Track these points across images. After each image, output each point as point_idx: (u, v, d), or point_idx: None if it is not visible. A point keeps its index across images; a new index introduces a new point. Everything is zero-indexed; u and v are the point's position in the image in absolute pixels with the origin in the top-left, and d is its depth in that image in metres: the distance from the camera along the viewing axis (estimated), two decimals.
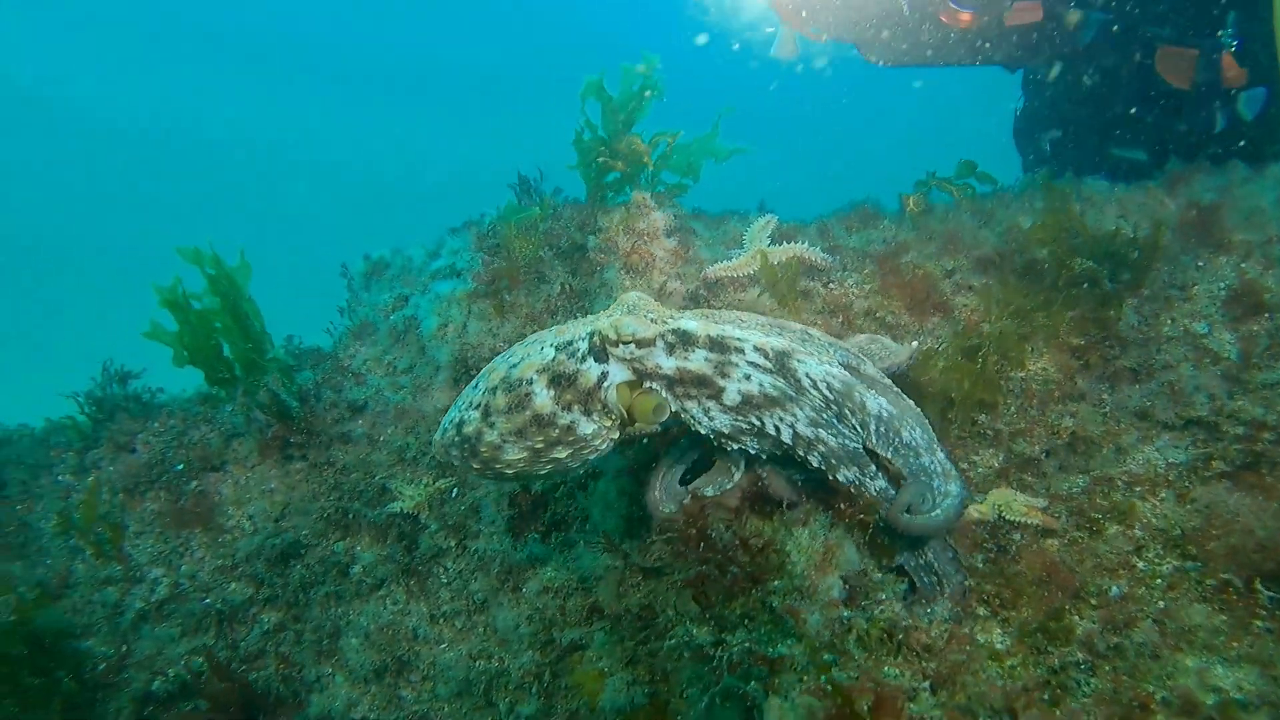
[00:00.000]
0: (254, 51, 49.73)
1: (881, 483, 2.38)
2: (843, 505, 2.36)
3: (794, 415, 2.35)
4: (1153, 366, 2.97)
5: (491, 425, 2.39)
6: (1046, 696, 2.22)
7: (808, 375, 2.33)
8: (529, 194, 3.56)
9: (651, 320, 2.37)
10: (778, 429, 2.37)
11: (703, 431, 2.44)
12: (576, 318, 2.57)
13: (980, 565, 2.70)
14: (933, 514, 2.23)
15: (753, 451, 2.51)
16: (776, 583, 2.29)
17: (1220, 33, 4.91)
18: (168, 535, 3.78)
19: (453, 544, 3.43)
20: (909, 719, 1.90)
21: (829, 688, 1.96)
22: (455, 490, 3.45)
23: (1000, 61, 5.75)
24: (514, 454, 2.42)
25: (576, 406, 2.38)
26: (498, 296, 3.50)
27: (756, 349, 2.34)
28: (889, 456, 2.36)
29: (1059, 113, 5.93)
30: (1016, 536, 2.78)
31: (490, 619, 3.34)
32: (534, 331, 3.49)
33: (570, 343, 2.41)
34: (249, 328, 3.44)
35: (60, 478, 3.96)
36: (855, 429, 2.35)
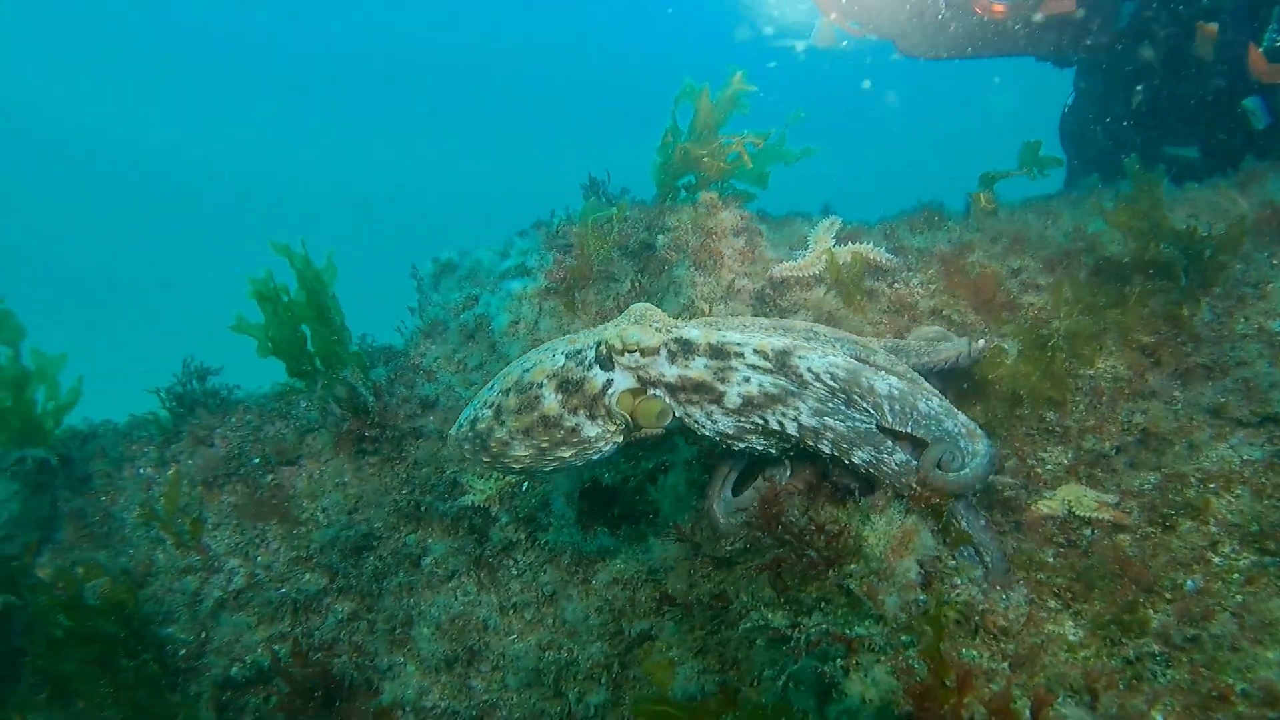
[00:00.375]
0: (295, 81, 51.15)
1: (901, 456, 2.45)
2: (918, 491, 2.41)
3: (796, 409, 2.44)
4: (1226, 364, 2.97)
5: (502, 423, 2.54)
6: (1123, 685, 2.23)
7: (809, 369, 2.42)
8: (598, 195, 3.65)
9: (656, 329, 2.48)
10: (781, 424, 2.46)
11: (708, 434, 2.54)
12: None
13: (1050, 559, 2.71)
14: (963, 472, 2.31)
15: (759, 449, 2.60)
16: (853, 566, 2.34)
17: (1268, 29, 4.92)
18: (244, 527, 3.90)
19: (523, 537, 3.51)
20: (989, 697, 1.93)
21: (913, 664, 1.99)
22: (526, 485, 3.53)
23: (1034, 52, 5.82)
24: (521, 450, 2.56)
25: (582, 410, 2.50)
26: (569, 294, 3.59)
27: (756, 351, 2.44)
28: (910, 430, 2.43)
29: (1110, 109, 5.89)
30: (1087, 532, 2.79)
31: (559, 610, 3.41)
32: None
33: (579, 351, 2.53)
34: (331, 322, 3.56)
35: (142, 470, 4.11)
36: (868, 411, 2.43)
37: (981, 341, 2.97)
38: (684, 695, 2.98)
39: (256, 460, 3.94)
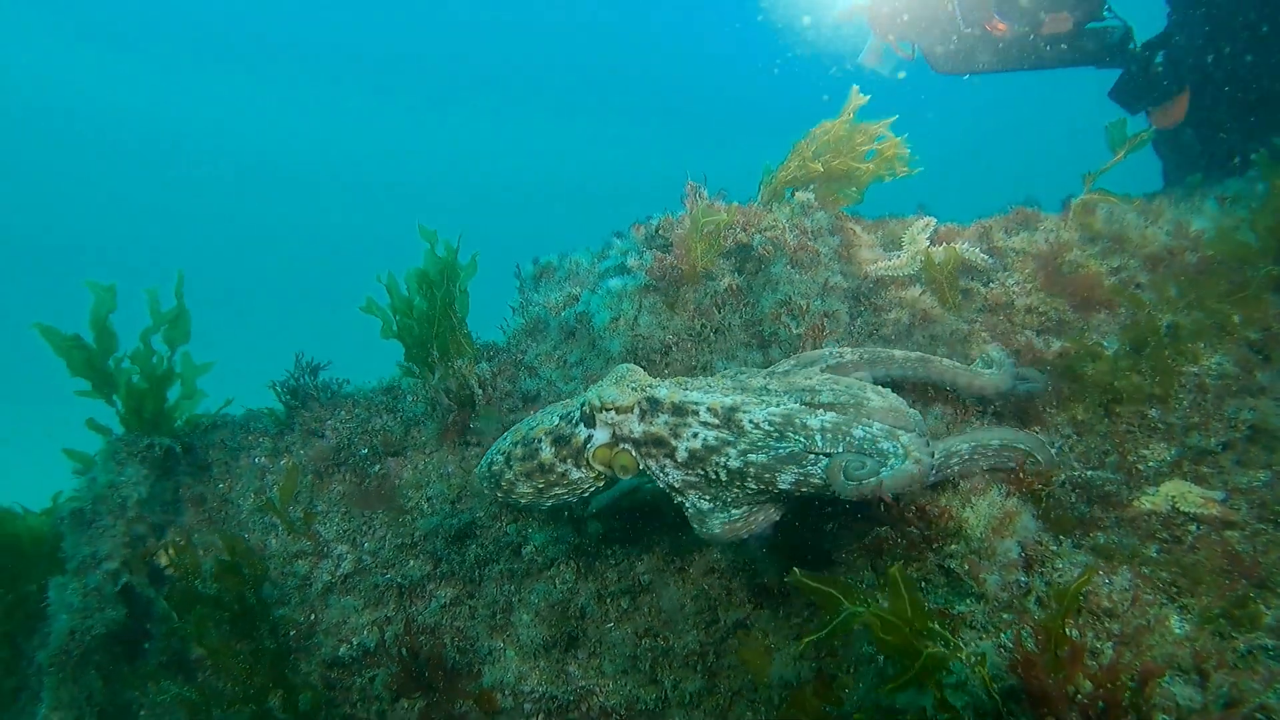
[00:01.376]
0: (419, 77, 53.14)
1: (826, 462, 2.61)
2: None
3: (727, 455, 2.70)
4: None
5: (510, 467, 3.07)
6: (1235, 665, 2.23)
7: (750, 420, 2.69)
8: (699, 198, 3.75)
9: (633, 389, 2.87)
10: (717, 473, 2.74)
11: (661, 485, 2.91)
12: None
13: (1154, 554, 2.72)
14: (874, 477, 2.42)
15: (688, 507, 2.90)
16: (954, 546, 2.39)
17: None
18: (352, 515, 4.09)
19: (619, 526, 3.62)
20: (1096, 671, 1.96)
21: (1024, 638, 2.03)
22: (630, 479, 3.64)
23: (1073, 64, 5.92)
24: (524, 489, 3.09)
25: (570, 460, 2.97)
26: (668, 292, 3.70)
27: (709, 410, 2.77)
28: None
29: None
30: (1193, 528, 2.78)
31: (656, 599, 3.50)
32: (702, 325, 3.68)
33: (569, 412, 3.01)
34: (456, 314, 3.71)
35: (257, 460, 4.34)
36: (800, 441, 2.63)
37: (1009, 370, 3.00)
38: (781, 682, 3.05)
39: (365, 451, 4.13)
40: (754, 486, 2.71)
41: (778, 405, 2.73)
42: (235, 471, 4.35)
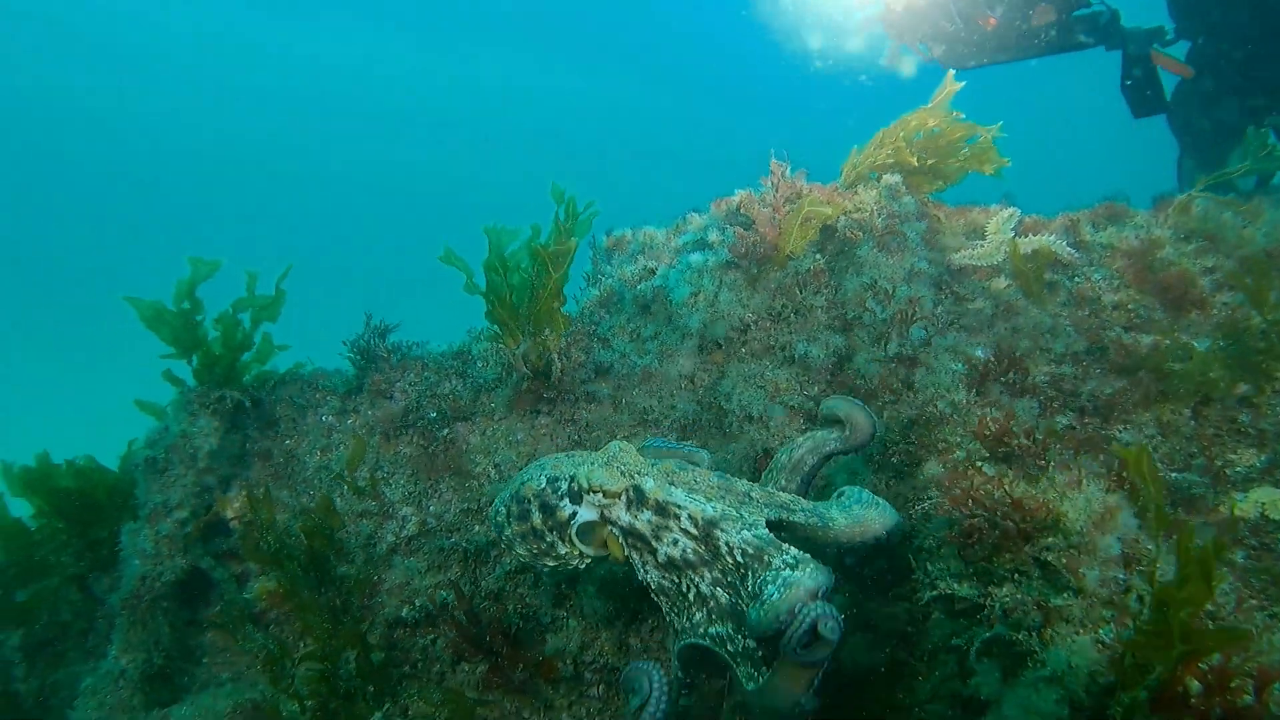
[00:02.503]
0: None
1: (751, 644, 2.63)
2: (1122, 473, 2.45)
3: (702, 576, 2.74)
4: None
5: (509, 524, 3.02)
6: None
7: (726, 543, 2.69)
8: (782, 177, 3.74)
9: (621, 474, 2.85)
10: (689, 588, 2.76)
11: (641, 580, 2.88)
12: (578, 454, 3.04)
13: (1240, 560, 2.71)
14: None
15: (664, 610, 2.87)
16: (1050, 540, 2.40)
17: None
18: (418, 477, 4.14)
19: None
20: (1207, 670, 1.96)
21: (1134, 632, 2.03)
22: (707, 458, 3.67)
23: (1049, 53, 6.43)
24: (520, 549, 3.05)
25: (555, 532, 2.92)
26: (750, 270, 3.71)
27: (690, 518, 2.76)
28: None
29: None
30: None
31: None
32: (783, 305, 3.69)
33: (557, 480, 2.95)
34: (560, 287, 3.64)
35: (324, 418, 4.40)
36: (755, 588, 2.60)
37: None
38: (851, 668, 3.07)
39: (433, 415, 4.18)
40: (698, 616, 2.74)
41: (752, 530, 2.70)
42: (302, 428, 4.42)
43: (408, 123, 59.82)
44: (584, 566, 3.04)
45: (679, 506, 2.78)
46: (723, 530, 2.72)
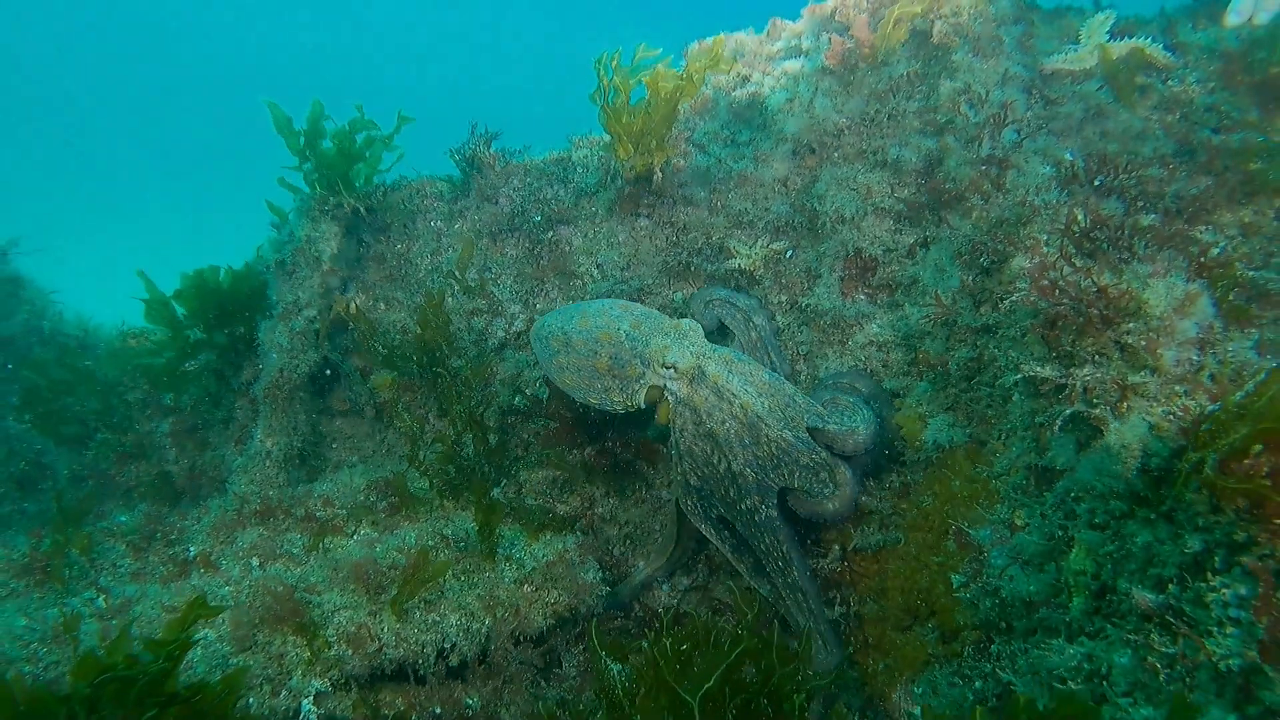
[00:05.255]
0: None
1: (772, 511, 3.37)
2: (1203, 259, 2.71)
3: (735, 456, 3.36)
4: None
5: (568, 354, 3.54)
6: None
7: (766, 435, 3.34)
8: None
9: (691, 354, 3.42)
10: (721, 461, 3.40)
11: (674, 438, 3.50)
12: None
13: None
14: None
15: (679, 468, 3.55)
16: (1131, 324, 2.69)
17: None
18: (525, 277, 4.51)
19: (784, 299, 3.98)
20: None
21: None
22: (790, 252, 3.97)
23: None
24: (568, 378, 3.60)
25: (618, 380, 3.50)
26: (846, 75, 3.89)
27: (741, 407, 3.35)
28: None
29: None
30: None
31: (814, 369, 3.90)
32: (876, 110, 3.88)
33: (635, 338, 3.48)
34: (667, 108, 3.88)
35: (434, 223, 4.76)
36: (783, 476, 3.37)
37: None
38: (935, 443, 3.46)
39: (538, 218, 4.50)
40: (731, 492, 3.41)
41: (788, 432, 3.33)
42: (413, 233, 4.78)
43: None
44: (620, 413, 3.63)
45: (734, 394, 3.37)
46: (767, 426, 3.34)
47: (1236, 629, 1.96)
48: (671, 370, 3.41)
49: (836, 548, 3.62)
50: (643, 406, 3.55)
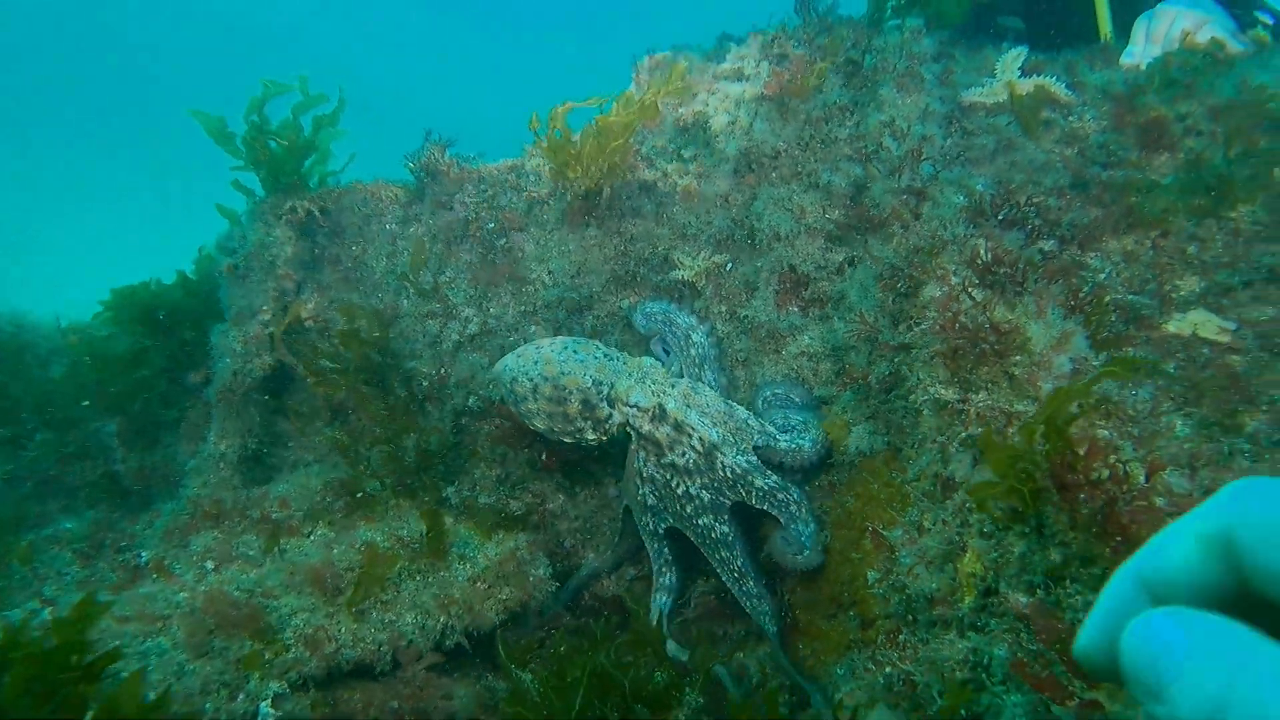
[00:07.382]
0: None
1: (726, 528, 3.99)
2: (1075, 299, 3.36)
3: (693, 481, 3.98)
4: None
5: (535, 400, 4.11)
6: (1219, 463, 3.23)
7: (721, 463, 3.94)
8: (810, 11, 4.40)
9: (652, 393, 4.00)
10: (679, 485, 4.02)
11: (636, 467, 4.12)
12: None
13: (1171, 370, 3.66)
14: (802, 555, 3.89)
15: (642, 499, 4.18)
16: (1018, 357, 3.34)
17: None
18: (479, 282, 5.01)
19: (724, 309, 4.56)
20: (1114, 465, 2.92)
21: (1057, 432, 3.01)
22: (730, 265, 4.55)
23: None
24: (539, 423, 4.19)
25: (589, 422, 4.10)
26: (782, 102, 4.45)
27: (700, 440, 3.95)
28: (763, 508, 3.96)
29: None
30: (1205, 351, 3.71)
31: (751, 375, 4.50)
32: (810, 136, 4.45)
33: (601, 384, 4.04)
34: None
35: (388, 226, 5.20)
36: (739, 494, 3.96)
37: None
38: (858, 449, 4.09)
39: (491, 225, 4.99)
40: (688, 509, 4.02)
41: (741, 456, 3.94)
42: (368, 235, 5.22)
43: None
44: (591, 446, 4.24)
45: (693, 428, 3.97)
46: (722, 454, 3.95)
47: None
48: (635, 409, 4.01)
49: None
50: (616, 437, 4.15)
